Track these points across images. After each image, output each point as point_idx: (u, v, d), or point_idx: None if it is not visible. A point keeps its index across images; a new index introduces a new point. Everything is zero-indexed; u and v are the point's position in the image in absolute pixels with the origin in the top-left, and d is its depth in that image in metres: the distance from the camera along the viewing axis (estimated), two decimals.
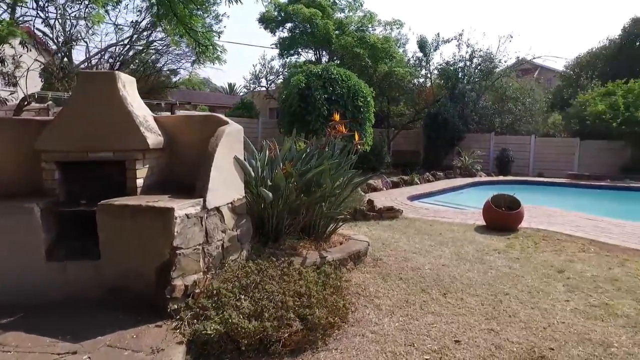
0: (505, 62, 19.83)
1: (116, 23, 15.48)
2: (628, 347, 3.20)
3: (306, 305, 3.20)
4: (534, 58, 20.06)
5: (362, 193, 8.80)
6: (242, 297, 3.13)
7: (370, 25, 18.60)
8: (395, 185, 12.09)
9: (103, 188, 3.65)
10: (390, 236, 6.06)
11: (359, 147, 4.99)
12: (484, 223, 6.90)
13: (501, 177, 15.82)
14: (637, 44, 21.10)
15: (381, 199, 9.40)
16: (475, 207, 8.30)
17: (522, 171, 17.48)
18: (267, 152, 4.82)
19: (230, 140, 3.84)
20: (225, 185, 3.73)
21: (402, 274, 4.50)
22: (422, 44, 19.34)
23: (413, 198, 10.42)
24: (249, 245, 4.14)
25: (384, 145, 16.82)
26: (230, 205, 3.80)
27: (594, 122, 16.39)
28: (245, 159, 4.38)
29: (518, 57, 19.93)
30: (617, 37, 22.15)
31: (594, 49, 23.42)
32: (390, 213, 7.26)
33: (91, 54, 15.60)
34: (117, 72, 3.79)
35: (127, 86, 3.87)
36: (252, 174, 4.33)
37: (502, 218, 6.61)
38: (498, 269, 4.76)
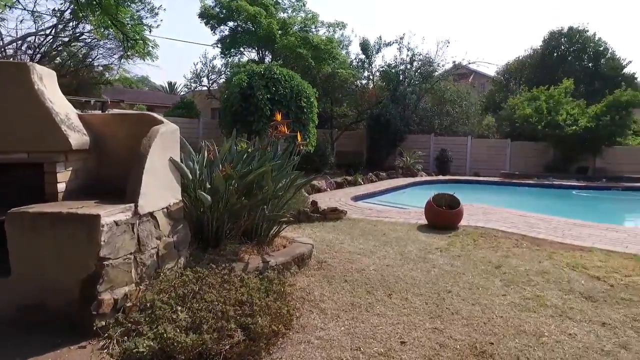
0: (443, 66, 20.74)
1: (34, 10, 14.12)
2: (556, 335, 3.36)
3: (248, 313, 3.04)
4: (469, 63, 21.15)
5: (306, 194, 8.73)
6: (179, 308, 2.91)
7: (313, 26, 18.65)
8: (339, 186, 12.15)
9: (18, 194, 3.26)
10: (334, 237, 6.02)
11: (302, 147, 4.89)
12: (426, 222, 7.08)
13: (441, 177, 16.46)
14: (555, 54, 22.88)
15: (325, 200, 9.38)
16: (417, 206, 8.51)
17: (460, 170, 18.31)
18: (206, 153, 4.59)
19: (165, 141, 3.59)
20: (159, 188, 3.47)
21: (347, 276, 4.45)
22: (365, 46, 19.69)
23: (357, 198, 10.52)
24: (187, 252, 3.90)
25: (328, 146, 16.91)
26: (165, 210, 3.55)
27: (522, 125, 17.56)
28: (182, 161, 4.13)
29: (455, 62, 20.94)
30: (539, 47, 23.90)
31: (521, 57, 25.13)
32: (335, 214, 7.24)
33: (4, 42, 14.20)
34: (31, 63, 3.40)
35: (45, 80, 3.49)
36: (190, 176, 4.09)
37: (443, 217, 6.81)
38: (440, 267, 4.86)
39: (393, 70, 19.93)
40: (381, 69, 20.34)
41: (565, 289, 4.27)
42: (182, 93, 29.39)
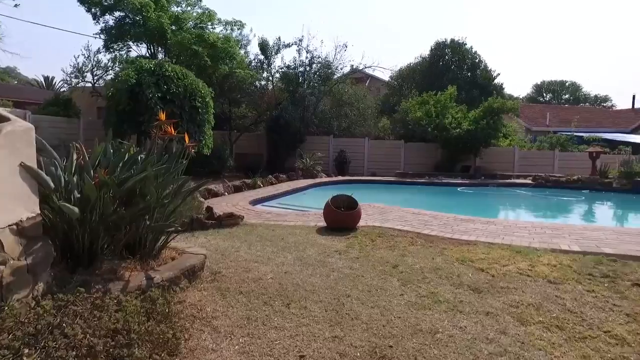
0: (341, 69, 21.33)
1: None
2: (449, 330, 3.45)
3: (124, 344, 2.60)
4: (366, 67, 22.05)
5: (202, 200, 8.21)
6: (27, 351, 2.35)
7: (209, 23, 17.85)
8: (237, 189, 11.72)
9: None
10: (230, 245, 5.65)
11: (192, 150, 4.47)
12: (325, 224, 7.04)
13: (340, 177, 16.85)
14: (441, 63, 24.98)
15: (222, 205, 8.93)
16: (317, 208, 8.48)
17: (358, 171, 18.95)
18: (75, 156, 3.94)
19: (13, 142, 2.95)
20: (4, 200, 2.83)
21: (243, 286, 4.15)
22: (264, 47, 19.43)
23: (256, 202, 10.21)
24: (49, 276, 3.27)
25: (226, 148, 16.32)
26: (15, 227, 2.92)
27: (414, 127, 18.78)
28: (42, 166, 3.48)
29: (352, 66, 21.64)
30: (427, 55, 25.90)
31: (412, 64, 26.96)
32: (231, 220, 6.86)
33: None
34: None
35: None
36: (52, 185, 3.45)
37: (341, 218, 6.83)
38: (340, 270, 4.79)
39: (292, 72, 19.96)
40: (281, 70, 20.27)
41: (456, 283, 4.47)
42: (62, 89, 26.16)
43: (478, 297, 4.16)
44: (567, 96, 53.48)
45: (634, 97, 35.08)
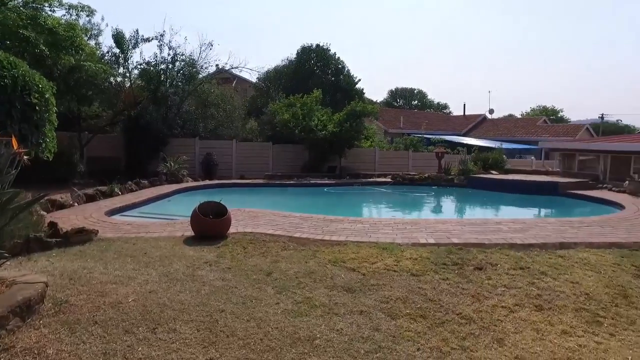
0: (207, 68, 20.46)
1: None
2: (327, 334, 3.46)
3: None
4: (232, 68, 21.55)
5: (44, 213, 6.99)
6: None
7: (46, 4, 15.33)
8: (90, 198, 10.31)
9: None
10: (81, 266, 4.85)
11: (22, 155, 3.67)
12: (193, 234, 6.59)
13: (208, 181, 16.14)
14: (307, 66, 25.81)
15: (71, 219, 7.76)
16: (184, 216, 7.92)
17: (227, 174, 18.43)
18: None
19: None
20: None
21: (98, 315, 3.57)
22: (119, 39, 17.54)
23: (113, 212, 9.11)
24: None
25: (76, 152, 14.35)
26: None
27: (282, 129, 18.97)
28: None
29: (218, 65, 20.93)
30: (294, 58, 26.49)
31: (279, 66, 27.25)
32: (82, 235, 5.94)
33: None
34: None
35: None
36: None
37: (210, 226, 6.46)
38: (211, 283, 4.47)
39: (153, 69, 18.48)
40: (140, 67, 18.57)
41: (330, 286, 4.54)
42: None
43: (352, 297, 4.28)
44: (416, 102, 60.30)
45: (464, 105, 41.19)
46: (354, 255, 5.55)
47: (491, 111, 40.84)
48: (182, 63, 19.28)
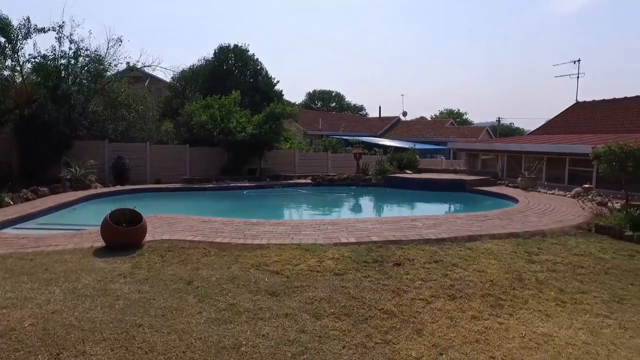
0: (116, 66, 19.01)
1: None
2: (253, 340, 3.40)
3: None
4: (145, 66, 20.27)
5: None
6: None
7: None
8: None
9: None
10: None
11: None
12: (105, 244, 6.09)
13: (119, 187, 15.04)
14: (224, 67, 25.19)
15: None
16: (93, 225, 7.30)
17: (141, 179, 17.36)
18: None
19: None
20: None
21: None
22: (5, 27, 15.59)
23: (4, 225, 8.09)
24: None
25: None
26: None
27: (199, 131, 18.31)
28: None
29: (129, 63, 19.56)
30: (211, 58, 25.68)
31: (195, 66, 26.22)
32: None
33: None
34: None
35: None
36: None
37: (123, 235, 6.02)
38: (126, 297, 4.17)
39: (52, 64, 16.76)
40: (34, 60, 16.72)
41: (254, 290, 4.46)
42: None
43: (276, 300, 4.25)
44: (334, 104, 61.83)
45: (380, 107, 43.15)
46: (277, 258, 5.52)
47: (405, 114, 43.30)
48: (87, 59, 17.74)
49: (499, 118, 55.10)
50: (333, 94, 62.45)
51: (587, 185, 12.96)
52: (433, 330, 3.71)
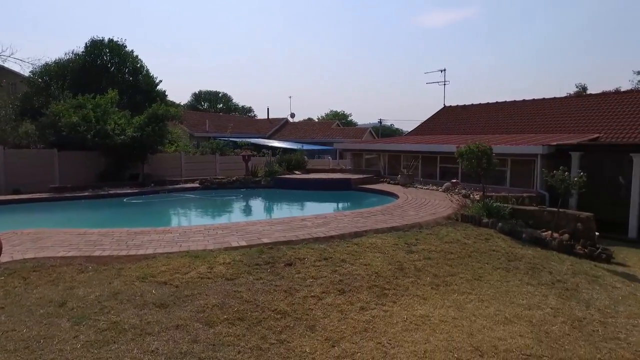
0: None
1: None
2: (141, 358, 3.20)
3: None
4: None
5: None
6: None
7: None
8: None
9: None
10: None
11: None
12: None
13: None
14: (99, 62, 22.94)
15: None
16: None
17: None
18: None
19: None
20: None
21: None
22: None
23: None
24: None
25: None
26: None
27: (70, 133, 16.37)
28: None
29: None
30: (82, 52, 23.14)
31: (62, 60, 23.35)
32: None
33: None
34: None
35: None
36: None
37: None
38: None
39: None
40: None
41: (140, 304, 4.18)
42: None
43: (165, 312, 4.04)
44: (221, 105, 60.28)
45: (268, 109, 43.35)
46: (164, 268, 5.23)
47: (292, 115, 44.06)
48: None
49: (380, 120, 59.31)
50: (220, 95, 60.95)
51: (454, 181, 14.63)
52: (325, 324, 3.88)
